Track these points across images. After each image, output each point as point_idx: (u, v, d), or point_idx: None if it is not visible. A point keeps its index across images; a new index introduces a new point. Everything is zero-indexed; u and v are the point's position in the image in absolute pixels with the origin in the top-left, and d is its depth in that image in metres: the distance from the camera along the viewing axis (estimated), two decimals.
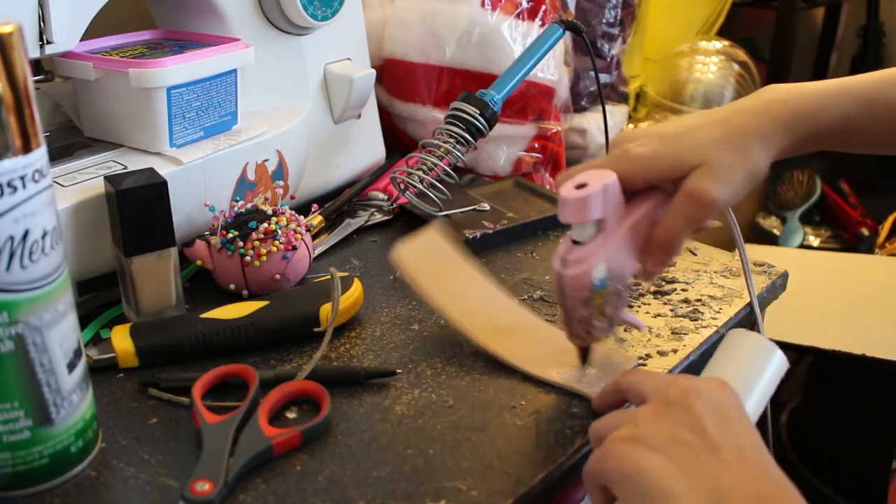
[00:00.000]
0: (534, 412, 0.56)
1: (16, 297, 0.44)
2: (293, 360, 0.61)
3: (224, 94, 0.73)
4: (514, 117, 0.95)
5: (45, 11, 0.61)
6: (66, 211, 0.61)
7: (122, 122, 0.70)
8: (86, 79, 0.69)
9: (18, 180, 0.43)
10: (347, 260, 0.78)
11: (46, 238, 0.45)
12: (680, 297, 0.71)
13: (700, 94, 1.43)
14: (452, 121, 0.81)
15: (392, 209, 0.86)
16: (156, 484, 0.49)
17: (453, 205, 0.84)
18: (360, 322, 0.67)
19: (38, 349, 0.46)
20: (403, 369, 0.60)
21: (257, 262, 0.66)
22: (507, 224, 0.81)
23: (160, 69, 0.66)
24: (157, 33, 0.78)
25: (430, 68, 0.94)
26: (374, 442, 0.53)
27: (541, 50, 0.85)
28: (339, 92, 0.86)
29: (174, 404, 0.56)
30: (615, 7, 1.15)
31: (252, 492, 0.49)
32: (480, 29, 0.91)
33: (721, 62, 1.47)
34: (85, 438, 0.50)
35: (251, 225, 0.67)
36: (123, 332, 0.60)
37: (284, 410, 0.56)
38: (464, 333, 0.62)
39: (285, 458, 0.51)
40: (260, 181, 0.76)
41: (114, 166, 0.67)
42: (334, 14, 0.81)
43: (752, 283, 0.66)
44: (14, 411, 0.46)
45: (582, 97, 1.12)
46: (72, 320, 0.49)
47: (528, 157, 0.97)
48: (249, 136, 0.74)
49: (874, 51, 2.03)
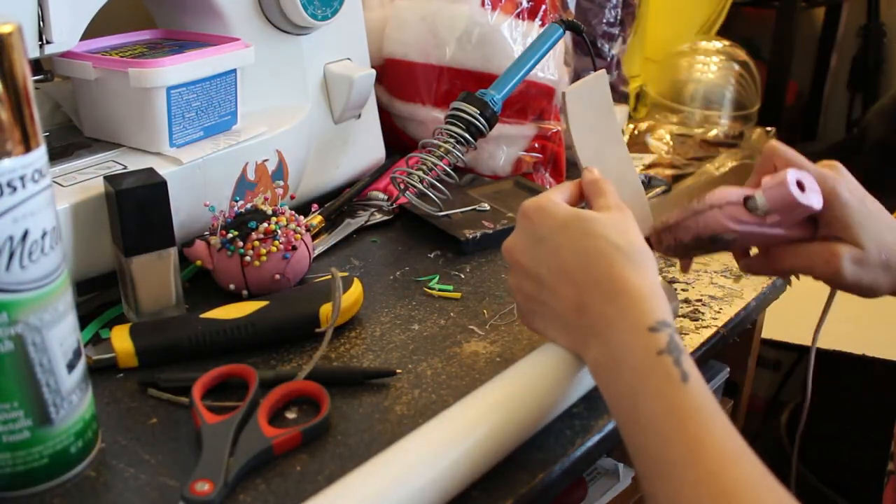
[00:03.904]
0: None
1: (15, 297, 0.44)
2: (293, 360, 0.61)
3: (224, 94, 0.73)
4: (514, 117, 0.95)
5: (44, 11, 0.61)
6: (65, 211, 0.61)
7: (122, 121, 0.70)
8: (85, 79, 0.69)
9: (18, 180, 0.43)
10: (347, 260, 0.78)
11: (46, 238, 0.45)
12: (680, 296, 0.71)
13: (700, 94, 1.43)
14: (452, 121, 0.81)
15: (392, 209, 0.86)
16: (156, 484, 0.49)
17: (453, 205, 0.84)
18: (360, 322, 0.67)
19: (38, 349, 0.46)
20: (403, 369, 0.60)
21: (257, 262, 0.66)
22: (507, 224, 0.81)
23: (160, 69, 0.66)
24: (156, 33, 0.78)
25: (430, 68, 0.94)
26: (374, 442, 0.53)
27: (541, 50, 0.85)
28: (339, 92, 0.86)
29: (174, 404, 0.56)
30: (615, 7, 1.15)
31: (252, 492, 0.49)
32: (480, 29, 0.91)
33: (721, 62, 1.47)
34: (85, 439, 0.50)
35: (251, 225, 0.67)
36: (123, 332, 0.60)
37: (284, 410, 0.56)
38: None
39: (285, 458, 0.51)
40: (260, 181, 0.76)
41: (113, 166, 0.67)
42: (334, 14, 0.81)
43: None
44: (14, 411, 0.46)
45: None
46: (71, 320, 0.49)
47: (528, 157, 0.97)
48: (249, 136, 0.74)
49: (874, 51, 2.03)
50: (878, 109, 1.84)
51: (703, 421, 0.43)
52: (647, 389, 0.45)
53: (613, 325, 0.48)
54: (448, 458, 0.46)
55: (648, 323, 0.47)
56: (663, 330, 0.46)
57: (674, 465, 0.42)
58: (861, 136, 1.90)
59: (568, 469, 0.52)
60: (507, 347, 0.63)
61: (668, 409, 0.43)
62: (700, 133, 1.32)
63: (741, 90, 1.46)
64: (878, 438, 0.94)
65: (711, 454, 0.41)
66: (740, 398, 0.92)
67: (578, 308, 0.50)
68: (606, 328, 0.48)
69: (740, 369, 0.90)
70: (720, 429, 0.42)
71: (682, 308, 0.69)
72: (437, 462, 0.45)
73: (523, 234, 0.55)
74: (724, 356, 0.88)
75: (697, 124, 1.38)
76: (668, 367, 0.45)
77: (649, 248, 0.52)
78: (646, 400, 0.45)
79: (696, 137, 1.30)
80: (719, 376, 0.87)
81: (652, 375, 0.45)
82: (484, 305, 0.70)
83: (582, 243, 0.51)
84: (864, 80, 2.06)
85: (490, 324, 0.67)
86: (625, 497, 0.76)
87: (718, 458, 0.41)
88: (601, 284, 0.49)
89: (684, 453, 0.42)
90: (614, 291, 0.48)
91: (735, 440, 0.42)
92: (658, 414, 0.44)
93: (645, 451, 0.44)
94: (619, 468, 0.76)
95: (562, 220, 0.52)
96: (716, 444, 0.42)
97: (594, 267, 0.50)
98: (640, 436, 0.44)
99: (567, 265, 0.51)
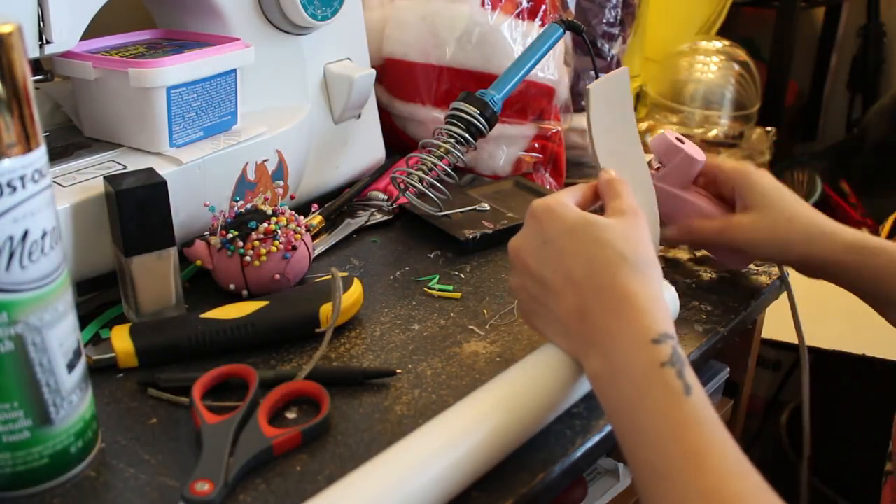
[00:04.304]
0: None
1: (15, 297, 0.44)
2: (293, 360, 0.61)
3: (224, 94, 0.73)
4: (514, 117, 0.95)
5: (44, 11, 0.61)
6: (65, 211, 0.61)
7: (122, 122, 0.70)
8: (85, 79, 0.69)
9: (18, 180, 0.43)
10: (347, 260, 0.78)
11: (46, 238, 0.45)
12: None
13: (700, 94, 1.43)
14: (452, 121, 0.81)
15: (392, 209, 0.86)
16: (156, 484, 0.49)
17: (453, 205, 0.84)
18: (360, 322, 0.67)
19: (38, 349, 0.46)
20: (403, 369, 0.60)
21: (257, 262, 0.66)
22: (507, 224, 0.81)
23: (160, 69, 0.66)
24: (156, 33, 0.78)
25: (430, 68, 0.94)
26: (374, 442, 0.53)
27: (541, 50, 0.85)
28: (339, 92, 0.86)
29: (174, 404, 0.56)
30: (615, 7, 1.15)
31: (252, 492, 0.49)
32: (480, 29, 0.91)
33: (721, 62, 1.47)
34: (85, 439, 0.50)
35: (251, 225, 0.67)
36: (123, 332, 0.60)
37: (284, 410, 0.56)
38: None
39: (285, 458, 0.51)
40: (260, 181, 0.76)
41: (113, 166, 0.67)
42: (334, 14, 0.81)
43: None
44: (14, 411, 0.46)
45: (582, 97, 1.12)
46: (71, 320, 0.49)
47: (528, 157, 0.97)
48: (249, 136, 0.74)
49: (874, 51, 2.03)
50: (878, 109, 1.84)
51: (705, 433, 0.42)
52: (648, 401, 0.45)
53: (616, 337, 0.47)
54: (449, 458, 0.46)
55: (651, 335, 0.46)
56: (666, 342, 0.46)
57: (674, 477, 0.42)
58: (861, 136, 1.90)
59: (568, 469, 0.52)
60: (507, 347, 0.63)
61: (669, 422, 0.43)
62: (700, 133, 1.32)
63: (741, 90, 1.46)
64: (878, 438, 0.94)
65: (713, 467, 0.41)
66: (740, 398, 0.92)
67: (581, 316, 0.50)
68: (608, 339, 0.48)
69: (740, 369, 0.90)
70: (721, 442, 0.42)
71: (681, 308, 0.69)
72: (439, 462, 0.45)
73: (530, 234, 0.54)
74: (724, 356, 0.88)
75: (697, 124, 1.38)
76: (670, 379, 0.44)
77: (656, 258, 0.52)
78: (646, 412, 0.44)
79: (697, 137, 1.30)
80: (719, 376, 0.87)
81: (654, 387, 0.45)
82: (484, 305, 0.70)
83: (589, 250, 0.50)
84: (864, 80, 2.06)
85: (490, 324, 0.67)
86: (625, 497, 0.76)
87: (721, 472, 0.41)
88: (605, 293, 0.49)
89: (685, 466, 0.42)
90: (617, 301, 0.48)
91: (736, 454, 0.42)
92: (659, 426, 0.43)
93: (644, 462, 0.44)
94: (619, 468, 0.76)
95: (570, 224, 0.52)
96: (717, 457, 0.41)
97: (599, 275, 0.49)
98: (641, 448, 0.44)
99: (572, 271, 0.51)
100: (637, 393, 0.45)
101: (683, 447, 0.42)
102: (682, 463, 0.42)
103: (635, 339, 0.47)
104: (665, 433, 0.43)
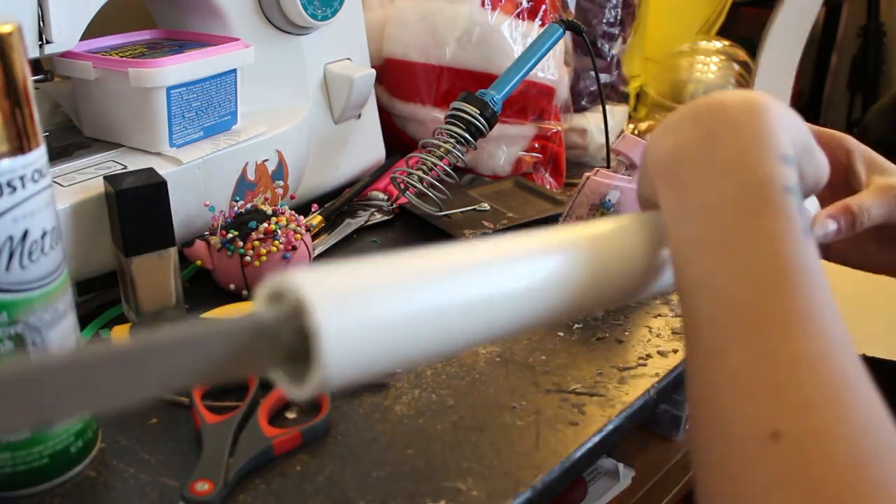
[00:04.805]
0: (534, 412, 0.56)
1: (15, 297, 0.44)
2: None
3: (224, 94, 0.73)
4: (514, 117, 0.95)
5: (44, 11, 0.61)
6: (65, 211, 0.61)
7: (122, 121, 0.70)
8: (85, 78, 0.69)
9: (18, 180, 0.43)
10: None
11: (46, 238, 0.45)
12: None
13: (700, 94, 1.43)
14: (452, 121, 0.81)
15: (392, 209, 0.86)
16: (156, 484, 0.49)
17: (453, 205, 0.84)
18: None
19: (38, 349, 0.46)
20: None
21: (257, 262, 0.66)
22: (506, 224, 0.81)
23: (160, 69, 0.66)
24: (156, 33, 0.78)
25: (430, 68, 0.94)
26: (374, 442, 0.53)
27: (541, 50, 0.85)
28: (339, 92, 0.86)
29: (174, 404, 0.56)
30: (615, 7, 1.15)
31: (252, 492, 0.49)
32: (480, 29, 0.91)
33: (721, 62, 1.47)
34: (85, 438, 0.50)
35: (251, 225, 0.67)
36: (123, 333, 0.60)
37: (284, 410, 0.56)
38: None
39: (285, 458, 0.51)
40: (260, 181, 0.76)
41: (113, 166, 0.67)
42: (334, 14, 0.81)
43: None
44: None
45: (582, 97, 1.12)
46: (72, 320, 0.49)
47: (528, 157, 0.97)
48: (249, 136, 0.74)
49: (874, 51, 2.03)
50: (878, 109, 1.84)
51: (810, 283, 0.33)
52: (755, 227, 0.35)
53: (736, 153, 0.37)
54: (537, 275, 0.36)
55: (781, 150, 0.37)
56: (793, 166, 0.37)
57: (759, 327, 0.33)
58: (861, 136, 1.90)
59: (568, 469, 0.52)
60: (508, 347, 0.63)
61: (775, 258, 0.34)
62: None
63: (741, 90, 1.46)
64: None
65: (809, 325, 0.32)
66: None
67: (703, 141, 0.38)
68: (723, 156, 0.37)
69: None
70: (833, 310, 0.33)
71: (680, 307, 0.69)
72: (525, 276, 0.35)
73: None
74: None
75: None
76: (791, 211, 0.35)
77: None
78: (750, 237, 0.35)
79: None
80: None
81: (771, 213, 0.35)
82: None
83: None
84: (864, 80, 2.06)
85: None
86: (625, 497, 0.76)
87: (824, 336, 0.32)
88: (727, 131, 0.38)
89: (777, 317, 0.33)
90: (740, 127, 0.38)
91: (839, 321, 0.33)
92: (763, 260, 0.34)
93: (725, 303, 0.34)
94: (619, 468, 0.76)
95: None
96: (818, 318, 0.32)
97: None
98: (725, 285, 0.34)
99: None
100: (740, 217, 0.35)
101: (780, 292, 0.33)
102: (772, 311, 0.33)
103: (761, 154, 0.37)
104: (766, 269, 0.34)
